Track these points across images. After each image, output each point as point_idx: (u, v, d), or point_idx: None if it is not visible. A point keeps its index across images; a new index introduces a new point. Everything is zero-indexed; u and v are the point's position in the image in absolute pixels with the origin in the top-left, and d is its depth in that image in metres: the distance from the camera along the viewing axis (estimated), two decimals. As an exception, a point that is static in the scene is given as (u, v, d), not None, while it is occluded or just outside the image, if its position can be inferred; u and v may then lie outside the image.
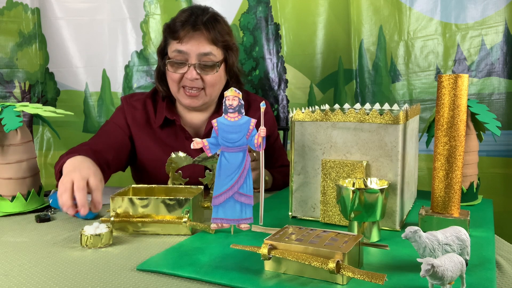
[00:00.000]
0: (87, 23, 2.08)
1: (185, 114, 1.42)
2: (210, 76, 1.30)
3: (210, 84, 1.31)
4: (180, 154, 1.15)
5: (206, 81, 1.30)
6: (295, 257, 0.70)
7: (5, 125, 1.11)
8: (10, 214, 1.14)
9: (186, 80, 1.30)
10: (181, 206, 0.95)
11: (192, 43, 1.28)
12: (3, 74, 2.07)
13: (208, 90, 1.32)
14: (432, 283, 0.63)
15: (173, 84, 1.33)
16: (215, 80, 1.32)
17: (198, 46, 1.28)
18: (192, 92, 1.31)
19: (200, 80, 1.30)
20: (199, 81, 1.30)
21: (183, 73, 1.30)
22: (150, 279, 0.72)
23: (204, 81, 1.30)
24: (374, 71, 1.77)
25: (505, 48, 1.57)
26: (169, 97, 1.41)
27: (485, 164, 1.56)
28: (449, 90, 0.88)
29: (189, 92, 1.31)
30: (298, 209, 1.05)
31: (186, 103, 1.33)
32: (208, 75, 1.30)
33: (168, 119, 1.38)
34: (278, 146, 1.55)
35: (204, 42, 1.28)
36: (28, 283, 0.71)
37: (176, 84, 1.32)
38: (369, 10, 1.75)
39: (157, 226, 0.95)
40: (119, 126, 1.39)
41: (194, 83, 1.30)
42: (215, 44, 1.29)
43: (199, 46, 1.28)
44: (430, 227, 0.88)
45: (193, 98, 1.32)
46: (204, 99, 1.34)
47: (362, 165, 0.95)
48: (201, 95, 1.32)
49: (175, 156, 1.15)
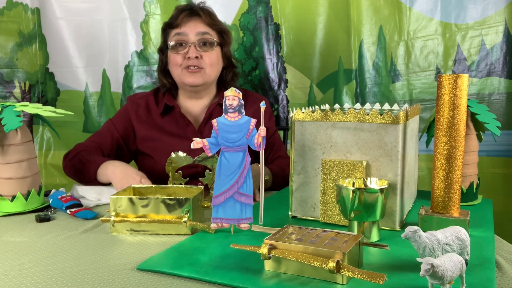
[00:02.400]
0: (87, 23, 2.08)
1: (186, 102, 1.52)
2: (209, 57, 1.42)
3: (209, 64, 1.43)
4: (180, 154, 1.15)
5: (205, 61, 1.42)
6: (295, 257, 0.70)
7: (5, 125, 1.11)
8: (10, 214, 1.14)
9: (187, 61, 1.41)
10: (181, 206, 0.95)
11: (189, 25, 1.42)
12: (3, 74, 2.07)
13: (207, 69, 1.43)
14: (432, 283, 0.63)
15: (175, 67, 1.44)
16: (214, 60, 1.44)
17: (195, 27, 1.42)
18: (194, 69, 1.42)
19: (200, 59, 1.41)
20: (200, 60, 1.41)
21: (184, 53, 1.41)
22: (150, 279, 0.72)
23: (204, 60, 1.42)
24: (374, 71, 1.77)
25: (505, 48, 1.57)
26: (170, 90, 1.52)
27: (485, 164, 1.56)
28: (449, 90, 0.88)
29: (191, 69, 1.42)
30: (298, 209, 1.05)
31: (189, 81, 1.43)
32: (207, 54, 1.42)
33: (168, 107, 1.48)
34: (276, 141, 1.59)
35: (201, 24, 1.43)
36: (28, 283, 0.71)
37: (178, 66, 1.43)
38: (369, 10, 1.75)
39: (157, 226, 0.95)
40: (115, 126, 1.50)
41: (195, 62, 1.41)
42: (211, 27, 1.44)
43: (197, 27, 1.42)
44: (430, 227, 0.88)
45: (196, 75, 1.42)
46: (204, 77, 1.44)
47: (362, 165, 0.95)
48: (202, 73, 1.43)
49: (175, 156, 1.15)
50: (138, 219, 0.95)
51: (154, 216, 0.95)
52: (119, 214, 0.96)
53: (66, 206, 1.13)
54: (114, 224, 0.96)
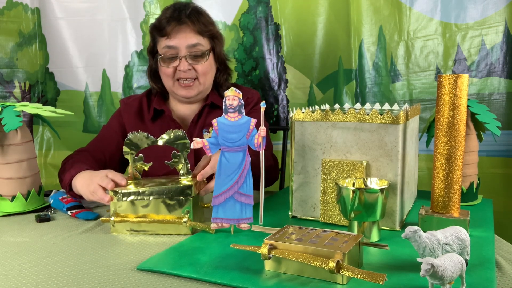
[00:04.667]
0: (87, 23, 2.08)
1: (177, 106, 1.47)
2: (201, 66, 1.36)
3: (202, 73, 1.37)
4: (138, 134, 1.02)
5: (198, 71, 1.36)
6: (295, 257, 0.70)
7: (5, 125, 1.11)
8: (10, 214, 1.14)
9: (179, 73, 1.35)
10: (181, 206, 0.95)
11: (179, 37, 1.33)
12: (3, 74, 2.07)
13: (201, 79, 1.38)
14: (432, 283, 0.63)
15: (167, 79, 1.38)
16: (207, 68, 1.38)
17: (186, 39, 1.33)
18: (187, 82, 1.36)
19: (192, 71, 1.36)
20: (192, 72, 1.36)
21: (175, 67, 1.35)
22: (150, 279, 0.72)
23: (197, 70, 1.36)
24: (374, 71, 1.77)
25: (505, 48, 1.57)
26: (160, 93, 1.47)
27: (485, 164, 1.56)
28: (449, 90, 0.88)
29: (184, 83, 1.36)
30: (298, 209, 1.05)
31: (182, 94, 1.38)
32: (199, 65, 1.36)
33: (158, 112, 1.43)
34: None
35: (191, 34, 1.34)
36: (28, 283, 0.71)
37: (170, 78, 1.37)
38: (369, 10, 1.75)
39: (157, 226, 0.95)
40: (114, 130, 1.45)
41: (188, 74, 1.35)
42: (201, 35, 1.36)
43: (187, 38, 1.34)
44: (430, 227, 0.88)
45: (188, 89, 1.37)
46: (198, 88, 1.38)
47: (362, 165, 0.95)
48: (196, 85, 1.38)
49: (133, 136, 1.02)
50: (138, 219, 0.95)
51: (154, 216, 0.95)
52: (119, 214, 0.96)
53: (67, 207, 1.13)
54: (114, 224, 0.96)
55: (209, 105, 1.43)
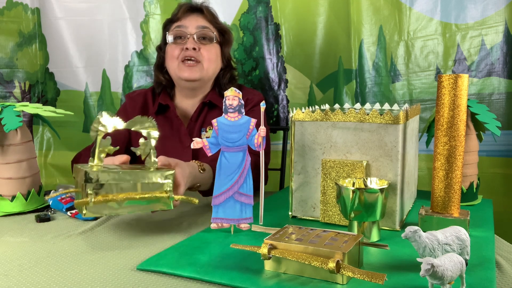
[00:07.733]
0: (87, 23, 2.08)
1: (182, 101, 1.48)
2: (207, 51, 1.40)
3: (207, 58, 1.40)
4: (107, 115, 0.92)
5: (203, 55, 1.39)
6: (295, 257, 0.70)
7: (5, 125, 1.11)
8: (10, 214, 1.14)
9: (185, 52, 1.38)
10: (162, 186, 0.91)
11: (190, 18, 1.42)
12: (3, 74, 2.07)
13: (205, 64, 1.40)
14: (432, 283, 0.63)
15: (172, 60, 1.41)
16: (212, 56, 1.41)
17: (196, 21, 1.41)
18: (191, 62, 1.39)
19: (198, 53, 1.39)
20: (198, 53, 1.38)
21: (182, 45, 1.39)
22: (150, 279, 0.72)
23: (202, 54, 1.39)
24: (374, 71, 1.77)
25: (505, 48, 1.57)
26: (166, 88, 1.49)
27: (485, 164, 1.56)
28: (449, 90, 0.88)
29: (188, 63, 1.38)
30: (298, 209, 1.05)
31: (185, 76, 1.39)
32: (205, 49, 1.39)
33: (162, 106, 1.45)
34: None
35: (202, 19, 1.43)
36: (28, 283, 0.71)
37: (175, 59, 1.40)
38: (369, 10, 1.75)
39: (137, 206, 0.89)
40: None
41: (193, 53, 1.38)
42: (212, 24, 1.43)
43: (197, 20, 1.41)
44: (430, 227, 0.88)
45: (192, 69, 1.39)
46: (201, 72, 1.40)
47: (362, 165, 0.95)
48: (199, 67, 1.40)
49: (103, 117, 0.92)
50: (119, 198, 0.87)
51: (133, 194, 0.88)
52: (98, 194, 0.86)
53: (66, 207, 1.13)
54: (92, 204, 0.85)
55: (207, 104, 1.43)
